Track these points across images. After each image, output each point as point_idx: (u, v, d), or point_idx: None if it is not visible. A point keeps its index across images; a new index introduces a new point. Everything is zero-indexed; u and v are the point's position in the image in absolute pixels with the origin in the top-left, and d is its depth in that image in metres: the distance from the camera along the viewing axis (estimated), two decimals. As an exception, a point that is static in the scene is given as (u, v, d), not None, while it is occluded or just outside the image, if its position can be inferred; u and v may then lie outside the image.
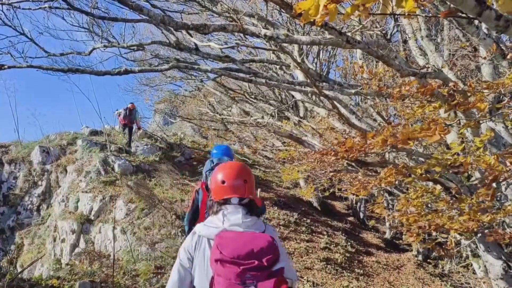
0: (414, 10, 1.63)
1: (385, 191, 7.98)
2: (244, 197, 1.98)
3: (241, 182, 1.98)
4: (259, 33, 3.27)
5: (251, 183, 2.02)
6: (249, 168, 2.17)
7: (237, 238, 1.75)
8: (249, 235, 1.78)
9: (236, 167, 2.06)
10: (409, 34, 5.16)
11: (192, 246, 1.88)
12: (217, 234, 1.79)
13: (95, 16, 4.36)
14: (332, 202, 18.32)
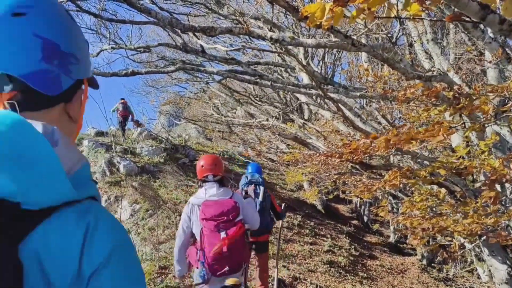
0: (419, 13, 1.65)
1: (390, 194, 7.98)
2: (216, 175, 3.11)
3: (213, 166, 3.12)
4: (265, 35, 3.30)
5: (219, 166, 3.17)
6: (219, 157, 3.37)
7: (213, 205, 2.86)
8: (221, 202, 2.89)
9: (210, 156, 3.28)
10: (414, 37, 5.17)
11: (188, 211, 3.01)
12: (202, 202, 2.92)
13: (103, 18, 4.42)
14: (336, 205, 18.31)
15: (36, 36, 0.67)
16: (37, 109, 0.70)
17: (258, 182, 4.58)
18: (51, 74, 0.70)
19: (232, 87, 12.97)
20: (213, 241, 2.80)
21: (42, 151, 0.59)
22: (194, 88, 15.42)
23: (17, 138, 0.57)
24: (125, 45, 5.81)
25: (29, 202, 0.57)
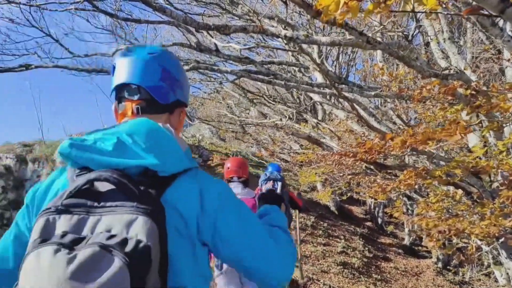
0: (436, 7, 1.63)
1: (404, 195, 7.88)
2: (240, 177, 3.47)
3: (237, 168, 3.48)
4: (279, 33, 3.30)
5: (244, 169, 3.55)
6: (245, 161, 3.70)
7: None
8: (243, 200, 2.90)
9: (236, 159, 3.62)
10: (431, 36, 5.10)
11: None
12: None
13: (119, 18, 4.46)
14: (350, 207, 18.17)
15: (159, 65, 1.10)
16: (152, 113, 1.09)
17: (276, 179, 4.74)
18: (164, 89, 1.10)
19: (245, 87, 12.98)
20: None
21: (169, 139, 0.96)
22: (207, 88, 15.49)
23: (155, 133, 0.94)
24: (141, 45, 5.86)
25: (164, 171, 0.89)
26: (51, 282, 0.67)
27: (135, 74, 1.07)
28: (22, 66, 4.76)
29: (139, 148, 0.88)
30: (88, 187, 0.82)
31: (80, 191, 0.81)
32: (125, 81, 1.08)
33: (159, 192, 0.87)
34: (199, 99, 16.58)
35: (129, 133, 0.91)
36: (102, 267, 0.68)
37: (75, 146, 0.89)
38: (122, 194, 0.81)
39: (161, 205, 0.84)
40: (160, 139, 0.93)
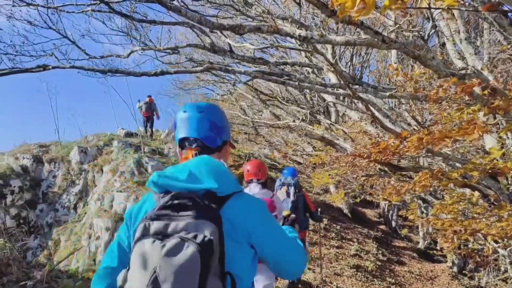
0: (454, 4, 1.61)
1: (419, 198, 7.77)
2: (259, 179, 3.71)
3: (256, 171, 3.71)
4: (293, 33, 3.30)
5: (263, 171, 3.78)
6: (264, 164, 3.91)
7: None
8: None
9: (255, 163, 3.85)
10: (447, 36, 5.04)
11: None
12: None
13: (135, 19, 4.52)
14: (363, 210, 18.00)
15: (207, 120, 1.50)
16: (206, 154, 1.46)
17: (290, 184, 5.13)
18: (212, 137, 1.51)
19: (258, 88, 13.00)
20: None
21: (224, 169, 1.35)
22: (221, 90, 15.58)
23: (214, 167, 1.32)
24: (155, 46, 5.92)
25: (221, 192, 1.25)
26: (153, 259, 1.08)
27: (191, 130, 1.50)
28: (40, 67, 4.84)
29: (204, 176, 1.27)
30: (171, 203, 1.22)
31: (166, 206, 1.22)
32: (185, 135, 1.52)
33: (218, 207, 1.23)
34: (213, 101, 16.67)
35: (196, 166, 1.32)
36: (182, 251, 1.08)
37: (161, 177, 1.28)
38: (193, 207, 1.19)
39: (219, 215, 1.20)
40: (218, 170, 1.32)
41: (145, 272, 1.08)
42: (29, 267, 4.17)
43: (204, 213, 1.18)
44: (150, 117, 14.37)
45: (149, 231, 1.17)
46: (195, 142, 1.50)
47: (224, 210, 1.23)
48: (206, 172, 1.29)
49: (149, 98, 14.27)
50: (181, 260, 1.07)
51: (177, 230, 1.15)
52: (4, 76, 4.85)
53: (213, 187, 1.24)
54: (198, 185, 1.25)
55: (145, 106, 14.08)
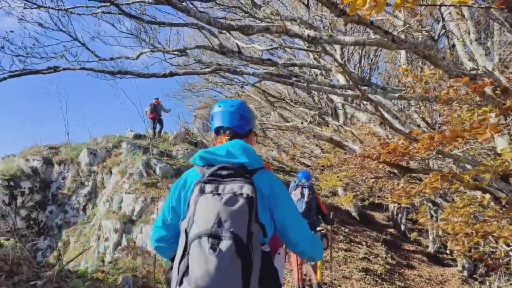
0: (466, 0, 1.59)
1: (429, 201, 7.69)
2: None
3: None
4: (302, 34, 3.29)
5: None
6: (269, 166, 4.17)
7: None
8: None
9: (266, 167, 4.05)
10: (458, 36, 4.98)
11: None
12: None
13: (144, 20, 4.55)
14: (372, 213, 17.87)
15: (237, 113, 1.91)
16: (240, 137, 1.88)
17: (304, 185, 5.34)
18: (241, 126, 1.92)
19: (266, 90, 13.00)
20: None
21: (251, 149, 1.75)
22: (229, 92, 15.60)
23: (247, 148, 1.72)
24: (164, 48, 5.94)
25: (251, 165, 1.65)
26: (215, 207, 1.47)
27: (224, 120, 1.92)
28: (51, 68, 4.88)
29: (238, 154, 1.68)
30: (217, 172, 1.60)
31: (214, 174, 1.60)
32: (220, 124, 1.93)
33: (249, 176, 1.61)
34: (220, 103, 16.67)
35: (232, 146, 1.72)
36: (235, 202, 1.49)
37: (207, 153, 1.71)
38: (235, 174, 1.59)
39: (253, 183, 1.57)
40: (248, 150, 1.73)
41: (210, 215, 1.48)
42: (39, 267, 4.20)
43: (243, 179, 1.58)
44: (155, 118, 14.53)
45: (204, 191, 1.56)
46: (228, 129, 1.92)
47: (253, 180, 1.60)
48: (239, 150, 1.70)
49: (156, 100, 14.40)
50: (236, 208, 1.48)
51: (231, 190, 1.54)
52: (16, 77, 4.90)
53: (245, 161, 1.66)
54: (234, 159, 1.67)
55: (150, 108, 14.25)
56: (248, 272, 1.45)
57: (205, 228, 1.46)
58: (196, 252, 1.44)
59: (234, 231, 1.44)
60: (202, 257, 1.41)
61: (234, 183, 1.55)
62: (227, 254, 1.41)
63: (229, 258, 1.41)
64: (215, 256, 1.40)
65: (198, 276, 1.39)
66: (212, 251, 1.42)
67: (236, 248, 1.43)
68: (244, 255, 1.44)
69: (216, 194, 1.52)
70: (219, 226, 1.45)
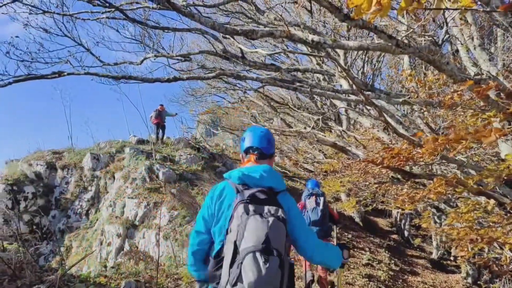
0: (471, 5, 1.59)
1: (433, 206, 7.65)
2: None
3: None
4: (306, 38, 3.30)
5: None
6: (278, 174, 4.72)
7: None
8: None
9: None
10: (461, 41, 4.99)
11: None
12: None
13: (148, 25, 4.58)
14: (375, 219, 17.80)
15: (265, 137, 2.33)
16: (262, 159, 2.26)
17: (318, 194, 5.55)
18: (267, 148, 2.30)
19: (269, 96, 13.03)
20: None
21: (275, 172, 2.14)
22: (232, 98, 15.63)
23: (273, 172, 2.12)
24: (167, 53, 5.97)
25: (276, 188, 2.07)
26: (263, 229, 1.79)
27: (255, 141, 2.30)
28: (55, 73, 4.91)
29: (268, 178, 2.06)
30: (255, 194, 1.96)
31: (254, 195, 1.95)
32: (250, 145, 2.30)
33: (275, 197, 2.03)
34: (224, 108, 16.74)
35: (264, 171, 2.08)
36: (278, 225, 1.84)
37: (244, 175, 2.05)
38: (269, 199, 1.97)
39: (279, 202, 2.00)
40: (275, 175, 2.12)
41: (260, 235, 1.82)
42: (42, 271, 4.19)
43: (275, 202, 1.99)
44: (159, 124, 14.56)
45: (249, 210, 1.91)
46: (257, 149, 2.29)
47: (280, 200, 2.04)
48: (269, 176, 2.10)
49: (161, 107, 14.44)
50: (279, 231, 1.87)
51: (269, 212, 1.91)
52: (21, 82, 4.93)
53: (273, 186, 2.08)
54: (265, 184, 2.06)
55: (155, 113, 14.31)
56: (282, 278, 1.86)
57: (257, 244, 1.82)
58: (251, 263, 1.80)
59: (278, 249, 1.84)
60: (256, 267, 1.79)
61: (271, 207, 1.95)
62: (275, 266, 1.82)
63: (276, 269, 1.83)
64: (266, 268, 1.79)
65: (252, 281, 1.77)
66: (265, 263, 1.80)
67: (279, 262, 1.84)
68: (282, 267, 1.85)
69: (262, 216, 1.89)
70: (268, 244, 1.82)
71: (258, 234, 1.83)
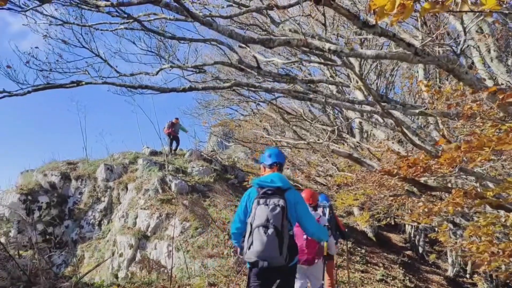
0: (496, 8, 1.57)
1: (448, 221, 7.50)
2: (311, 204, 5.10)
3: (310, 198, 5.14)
4: (323, 47, 3.30)
5: (314, 198, 5.26)
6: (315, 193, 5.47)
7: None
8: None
9: (309, 191, 5.30)
10: (478, 54, 4.94)
11: None
12: None
13: (165, 36, 4.64)
14: (388, 234, 17.50)
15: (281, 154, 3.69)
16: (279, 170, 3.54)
17: (325, 206, 6.18)
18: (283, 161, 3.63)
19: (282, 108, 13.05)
20: (299, 240, 4.57)
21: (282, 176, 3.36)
22: (244, 111, 15.68)
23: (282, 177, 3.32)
24: (183, 64, 6.04)
25: (283, 187, 3.19)
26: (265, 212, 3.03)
27: (274, 158, 3.53)
28: (74, 83, 4.99)
29: (277, 181, 3.20)
30: (266, 192, 3.15)
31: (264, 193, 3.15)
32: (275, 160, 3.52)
33: (284, 193, 3.14)
34: (236, 121, 16.79)
35: (274, 177, 3.24)
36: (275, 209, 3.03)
37: (260, 181, 3.25)
38: (274, 194, 3.13)
39: (285, 197, 3.11)
40: (282, 178, 3.27)
41: (262, 216, 2.98)
42: (56, 278, 4.20)
43: (279, 196, 3.08)
44: (171, 135, 14.74)
45: (260, 202, 3.06)
46: (275, 164, 3.51)
47: (285, 195, 3.11)
48: (277, 179, 3.20)
49: (175, 120, 14.60)
50: (276, 212, 2.98)
51: (272, 202, 3.02)
52: (39, 91, 5.02)
53: (280, 185, 3.14)
54: (274, 185, 3.16)
55: (168, 125, 14.51)
56: (281, 245, 2.98)
57: (261, 222, 3.00)
58: (257, 234, 2.99)
59: (274, 224, 2.98)
60: (259, 237, 2.98)
61: (275, 198, 3.10)
62: (272, 235, 2.95)
63: (272, 237, 2.95)
64: (266, 236, 2.95)
65: (258, 245, 2.96)
66: (264, 233, 2.96)
67: (276, 233, 2.96)
68: (279, 236, 2.97)
69: (266, 205, 3.06)
70: (267, 221, 2.99)
71: (262, 216, 3.02)
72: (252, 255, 2.98)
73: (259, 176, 3.47)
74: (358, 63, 5.51)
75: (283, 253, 2.96)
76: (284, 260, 2.99)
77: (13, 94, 4.96)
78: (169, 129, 14.47)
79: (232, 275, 7.03)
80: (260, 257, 2.95)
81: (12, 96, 4.96)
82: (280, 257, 2.96)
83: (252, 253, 2.98)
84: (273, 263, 2.97)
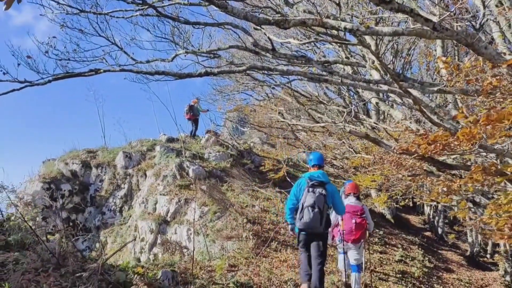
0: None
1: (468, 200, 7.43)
2: (355, 193, 6.72)
3: (353, 189, 6.75)
4: (338, 26, 3.28)
5: (357, 189, 6.88)
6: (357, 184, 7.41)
7: (351, 206, 6.45)
8: (355, 205, 6.52)
9: (353, 184, 6.94)
10: (498, 28, 4.83)
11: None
12: (346, 204, 6.26)
13: (180, 21, 4.66)
14: (407, 216, 17.45)
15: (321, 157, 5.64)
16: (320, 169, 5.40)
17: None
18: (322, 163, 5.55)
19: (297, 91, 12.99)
20: (348, 223, 6.29)
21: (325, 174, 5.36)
22: (259, 95, 15.68)
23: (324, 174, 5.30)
24: (198, 49, 6.07)
25: (326, 181, 5.16)
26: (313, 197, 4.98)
27: (316, 160, 5.44)
28: (92, 71, 5.08)
29: (322, 176, 5.16)
30: (315, 183, 5.09)
31: (312, 184, 5.08)
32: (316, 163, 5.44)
33: (325, 185, 5.09)
34: (251, 106, 16.80)
35: (320, 173, 5.22)
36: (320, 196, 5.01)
37: (311, 175, 5.23)
38: (319, 185, 5.07)
39: (326, 188, 5.08)
40: (325, 175, 5.24)
41: (311, 200, 4.94)
42: (83, 260, 4.35)
43: (322, 187, 5.04)
44: (191, 119, 15.01)
45: (309, 190, 5.01)
46: (318, 166, 5.35)
47: (326, 186, 5.07)
48: (322, 175, 5.16)
49: (193, 101, 14.93)
50: (320, 198, 4.95)
51: (318, 191, 4.99)
52: (59, 80, 5.13)
53: (324, 180, 5.12)
54: (320, 179, 5.10)
55: (187, 108, 14.83)
56: (322, 219, 4.90)
57: (309, 204, 4.90)
58: (306, 212, 4.90)
59: (318, 206, 4.88)
60: (308, 214, 4.89)
61: (319, 188, 5.00)
62: (317, 213, 4.87)
63: (316, 215, 4.87)
64: (312, 213, 4.86)
65: (307, 218, 4.89)
66: (312, 212, 4.86)
67: (319, 211, 4.88)
68: (321, 214, 4.89)
69: (314, 193, 4.96)
70: (314, 204, 4.89)
71: (310, 200, 4.89)
72: (302, 225, 4.91)
73: (309, 171, 5.38)
74: (374, 42, 5.44)
75: (322, 224, 4.89)
76: (322, 229, 4.94)
77: (34, 84, 5.08)
78: (188, 114, 14.71)
79: (251, 257, 7.15)
80: (307, 226, 4.88)
81: (33, 85, 5.08)
82: (320, 227, 4.88)
83: (302, 223, 4.91)
84: (315, 231, 4.93)
